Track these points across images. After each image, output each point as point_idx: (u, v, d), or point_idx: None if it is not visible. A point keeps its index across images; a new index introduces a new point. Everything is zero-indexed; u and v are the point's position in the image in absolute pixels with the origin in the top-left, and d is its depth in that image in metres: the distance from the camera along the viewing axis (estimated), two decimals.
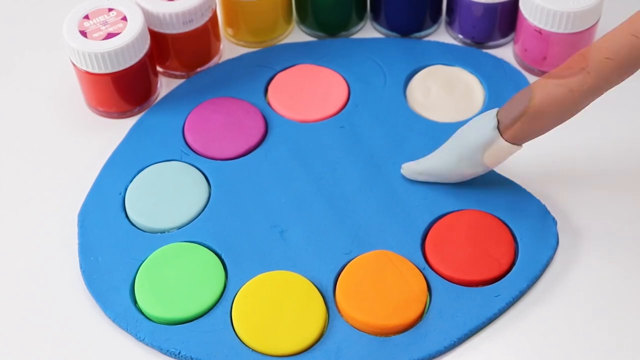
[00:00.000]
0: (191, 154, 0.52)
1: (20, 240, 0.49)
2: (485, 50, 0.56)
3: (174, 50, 0.54)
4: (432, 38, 0.57)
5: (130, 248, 0.48)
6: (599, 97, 0.43)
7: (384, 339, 0.44)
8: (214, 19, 0.54)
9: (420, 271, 0.46)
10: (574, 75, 0.42)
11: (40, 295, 0.47)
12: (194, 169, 0.51)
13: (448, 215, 0.48)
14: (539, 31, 0.53)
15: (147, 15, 0.52)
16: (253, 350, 0.44)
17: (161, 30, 0.53)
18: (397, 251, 0.47)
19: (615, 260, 0.47)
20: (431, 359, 0.44)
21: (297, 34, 0.58)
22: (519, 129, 0.44)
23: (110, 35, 0.50)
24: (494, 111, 0.45)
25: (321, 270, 0.47)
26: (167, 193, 0.50)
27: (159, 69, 0.55)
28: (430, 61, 0.55)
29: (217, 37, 0.55)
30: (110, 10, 0.51)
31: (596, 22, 0.53)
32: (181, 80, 0.56)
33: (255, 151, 0.52)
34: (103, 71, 0.50)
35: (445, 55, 0.56)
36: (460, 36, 0.57)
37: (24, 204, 0.51)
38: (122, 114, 0.53)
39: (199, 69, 0.55)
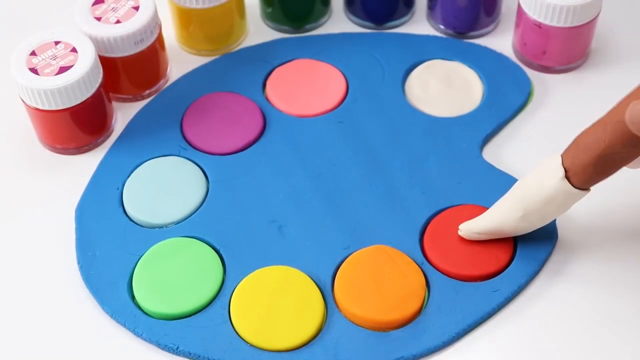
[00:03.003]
0: (189, 148, 0.52)
1: (18, 237, 0.50)
2: (478, 43, 0.56)
3: (124, 73, 0.53)
4: (410, 28, 0.57)
5: (128, 243, 0.48)
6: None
7: (382, 334, 0.45)
8: (160, 35, 0.54)
9: (419, 266, 0.47)
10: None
11: (38, 291, 0.48)
12: (192, 163, 0.51)
13: (447, 210, 0.49)
14: (539, 25, 0.53)
15: (94, 42, 0.51)
16: (251, 345, 0.45)
17: (111, 55, 0.52)
18: (396, 246, 0.47)
19: (616, 255, 0.47)
20: (430, 354, 0.44)
21: (261, 32, 0.58)
22: (592, 173, 0.42)
23: (63, 69, 0.49)
24: (558, 159, 0.43)
25: (319, 265, 0.47)
26: (165, 188, 0.50)
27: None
28: (428, 55, 0.56)
29: (164, 51, 0.55)
30: (57, 43, 0.50)
31: (596, 16, 0.53)
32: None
33: (253, 146, 0.52)
34: (61, 107, 0.50)
35: (444, 50, 0.56)
36: (442, 26, 0.57)
37: (22, 199, 0.51)
38: (80, 149, 0.52)
39: (153, 88, 0.55)
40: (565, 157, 0.43)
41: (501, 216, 0.45)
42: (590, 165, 0.42)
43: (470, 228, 0.46)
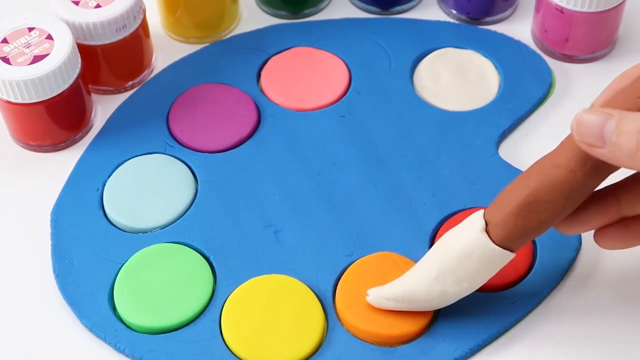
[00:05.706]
0: (176, 145, 0.52)
1: None
2: (494, 30, 0.57)
3: (105, 62, 0.54)
4: (419, 13, 0.58)
5: (108, 250, 0.48)
6: None
7: (388, 350, 0.45)
8: (144, 21, 0.54)
9: None
10: (573, 152, 0.39)
11: (10, 303, 0.47)
12: (179, 162, 0.52)
13: (459, 214, 0.49)
14: (561, 10, 0.53)
15: (72, 28, 0.51)
16: None
17: (90, 43, 0.52)
18: (403, 253, 0.47)
19: None
20: None
21: (255, 18, 0.58)
22: (513, 228, 0.41)
23: (37, 58, 0.49)
24: (480, 212, 0.42)
25: (319, 274, 0.47)
26: (150, 189, 0.50)
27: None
28: (439, 43, 0.56)
29: (149, 39, 0.55)
30: (31, 29, 0.50)
31: (623, 0, 0.53)
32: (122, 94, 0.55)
33: (246, 143, 0.52)
34: (35, 100, 0.50)
35: (456, 37, 0.56)
36: (454, 11, 0.57)
37: None
38: (56, 146, 0.53)
39: (137, 79, 0.55)
40: (489, 208, 0.42)
41: (413, 277, 0.43)
42: (511, 216, 0.40)
43: (379, 293, 0.44)
